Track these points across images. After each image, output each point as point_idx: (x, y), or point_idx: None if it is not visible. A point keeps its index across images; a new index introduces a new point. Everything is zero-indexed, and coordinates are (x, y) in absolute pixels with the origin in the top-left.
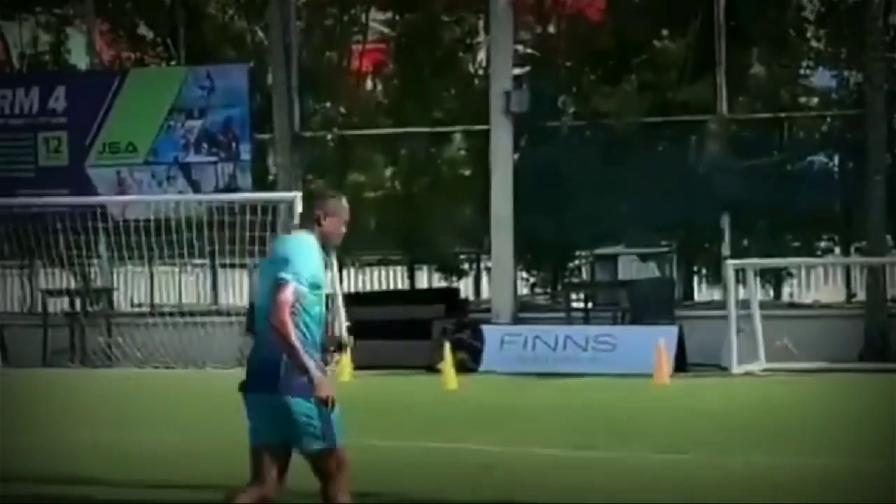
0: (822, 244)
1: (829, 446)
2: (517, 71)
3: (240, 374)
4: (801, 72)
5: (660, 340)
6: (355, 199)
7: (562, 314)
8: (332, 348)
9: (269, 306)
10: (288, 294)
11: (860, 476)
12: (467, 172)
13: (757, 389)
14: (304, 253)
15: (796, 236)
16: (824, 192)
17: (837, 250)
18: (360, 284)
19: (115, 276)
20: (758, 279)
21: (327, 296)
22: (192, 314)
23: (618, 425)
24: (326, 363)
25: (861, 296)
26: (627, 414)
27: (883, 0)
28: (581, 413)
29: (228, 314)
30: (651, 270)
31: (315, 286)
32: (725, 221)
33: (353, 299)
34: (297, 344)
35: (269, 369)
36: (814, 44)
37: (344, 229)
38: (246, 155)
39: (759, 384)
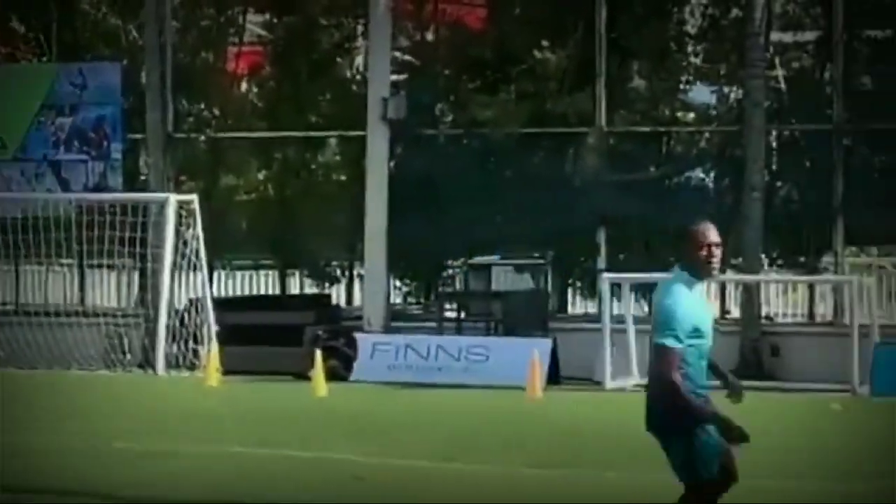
0: None
1: None
2: (395, 77)
3: (106, 374)
4: (681, 86)
5: (533, 352)
6: (227, 202)
7: (434, 324)
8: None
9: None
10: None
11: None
12: (342, 178)
13: (630, 405)
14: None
15: (672, 251)
16: (701, 208)
17: None
18: (231, 289)
19: None
20: (633, 293)
21: (196, 299)
22: (58, 314)
23: (490, 438)
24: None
25: (735, 312)
26: (500, 426)
27: (764, 16)
28: (453, 424)
29: (96, 315)
30: (525, 282)
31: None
32: (602, 234)
33: (223, 304)
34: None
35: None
36: (694, 59)
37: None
38: (117, 154)
39: (632, 399)
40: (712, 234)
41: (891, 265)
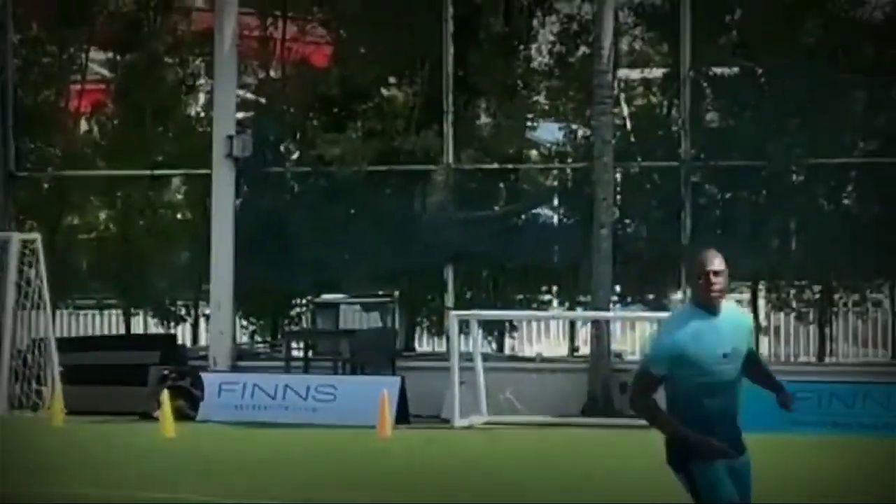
0: (546, 297)
1: (561, 500)
2: (241, 115)
3: None
4: (529, 123)
5: (382, 391)
6: (71, 241)
7: (282, 363)
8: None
9: None
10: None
11: None
12: (187, 217)
13: (479, 443)
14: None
15: (520, 288)
16: (549, 245)
17: (555, 303)
18: (75, 328)
19: None
20: (480, 331)
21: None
22: None
23: (341, 478)
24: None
25: (584, 350)
26: (350, 466)
27: (611, 53)
28: (303, 464)
29: None
30: (373, 320)
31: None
32: (449, 272)
33: (66, 344)
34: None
35: None
36: (542, 97)
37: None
38: None
39: (482, 438)
40: (711, 262)
41: (736, 301)
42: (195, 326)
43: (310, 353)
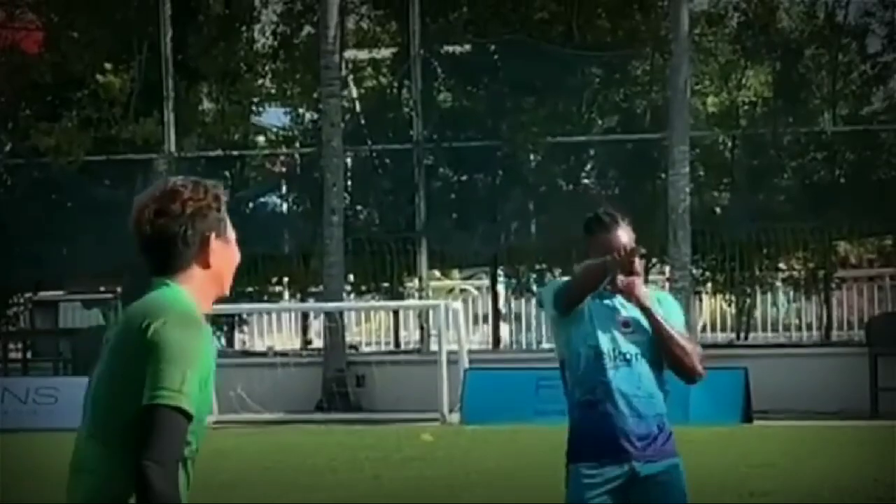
0: (277, 289)
1: (300, 497)
2: None
3: None
4: (254, 108)
5: None
6: None
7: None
8: None
9: None
10: None
11: None
12: None
13: (211, 441)
14: None
15: (250, 280)
16: (279, 234)
17: (287, 295)
18: None
19: None
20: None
21: None
22: None
23: (63, 485)
24: None
25: (318, 343)
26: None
27: (337, 34)
28: (22, 473)
29: None
30: (95, 317)
31: None
32: None
33: None
34: None
35: None
36: (267, 80)
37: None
38: None
39: (213, 436)
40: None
41: (474, 288)
42: None
43: (29, 354)
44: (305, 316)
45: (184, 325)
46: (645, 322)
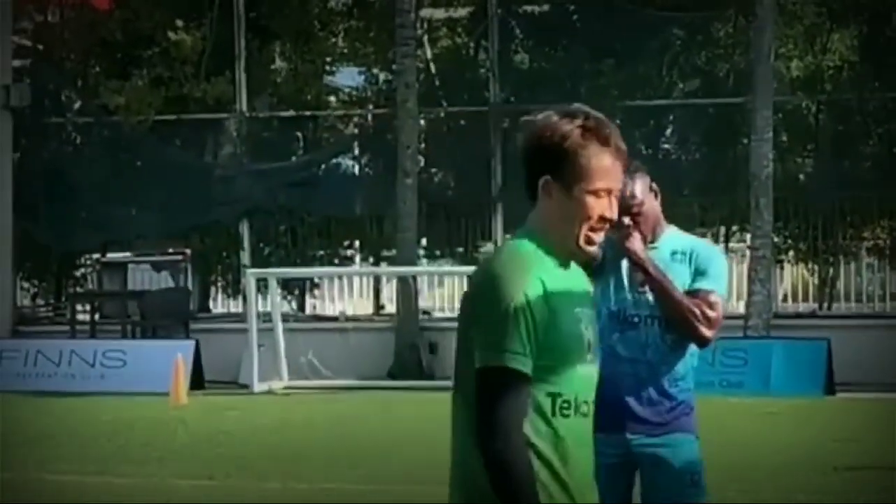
0: (349, 252)
1: (369, 469)
2: (17, 63)
3: None
4: (327, 68)
5: (177, 356)
6: None
7: (66, 327)
8: None
9: None
10: None
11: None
12: None
13: (281, 408)
14: None
15: (321, 244)
16: (351, 197)
17: (359, 259)
18: None
19: None
20: (279, 290)
21: None
22: None
23: (134, 449)
24: None
25: (390, 308)
26: (144, 436)
27: None
28: (93, 436)
29: None
30: (164, 279)
31: None
32: (245, 227)
33: None
34: None
35: None
36: (340, 39)
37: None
38: None
39: (283, 403)
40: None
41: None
42: None
43: (96, 317)
44: (378, 280)
45: None
46: None
